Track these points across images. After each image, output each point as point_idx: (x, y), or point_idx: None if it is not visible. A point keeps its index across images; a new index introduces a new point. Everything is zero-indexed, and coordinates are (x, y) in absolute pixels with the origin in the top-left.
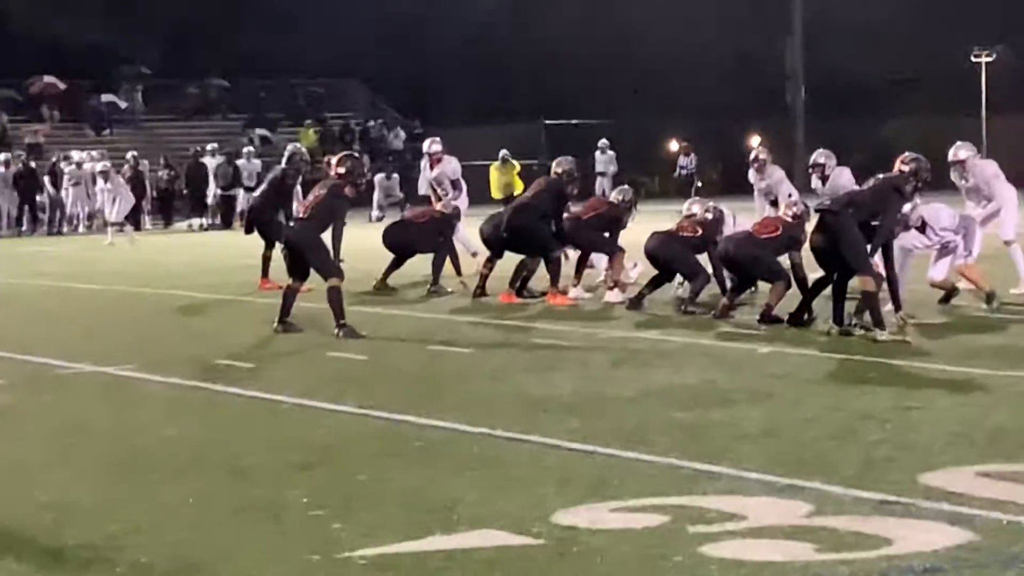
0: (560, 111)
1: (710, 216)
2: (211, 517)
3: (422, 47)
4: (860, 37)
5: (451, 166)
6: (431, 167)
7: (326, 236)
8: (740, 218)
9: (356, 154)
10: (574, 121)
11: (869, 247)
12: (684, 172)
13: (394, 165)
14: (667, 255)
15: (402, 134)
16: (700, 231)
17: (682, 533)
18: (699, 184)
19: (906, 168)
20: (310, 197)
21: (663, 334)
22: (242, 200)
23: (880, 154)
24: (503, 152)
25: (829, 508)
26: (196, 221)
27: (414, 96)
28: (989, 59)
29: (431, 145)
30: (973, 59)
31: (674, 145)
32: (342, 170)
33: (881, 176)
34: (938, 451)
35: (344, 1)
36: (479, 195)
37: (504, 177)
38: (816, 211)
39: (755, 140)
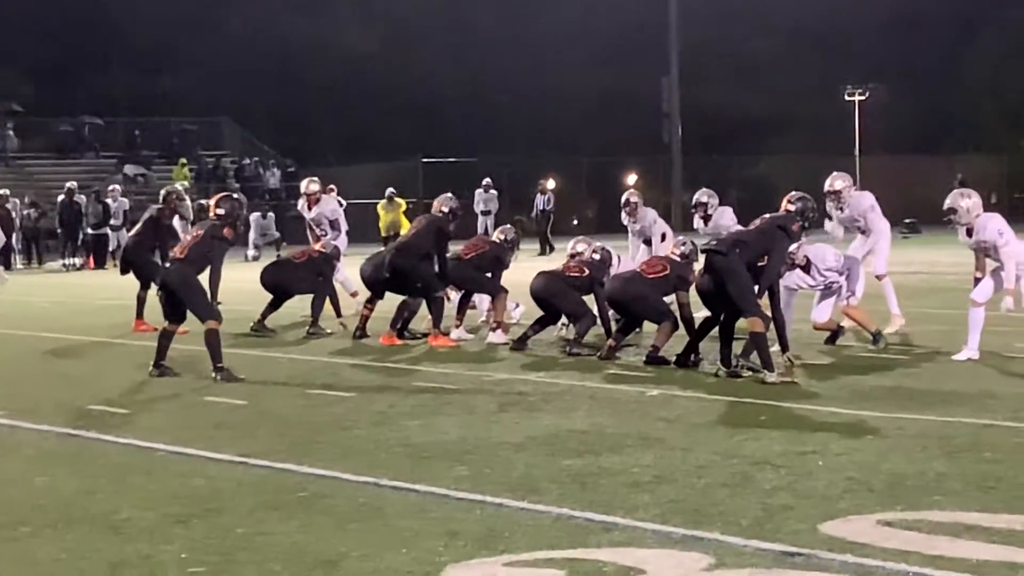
0: (435, 149)
1: (597, 256)
2: (85, 575)
3: (296, 85)
4: (737, 76)
5: (329, 206)
6: (309, 207)
7: (203, 277)
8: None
9: (235, 195)
10: (451, 159)
11: (756, 288)
12: (540, 211)
13: (269, 204)
14: (553, 295)
15: (277, 172)
16: (586, 271)
17: None
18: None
19: (792, 207)
20: (187, 238)
21: (549, 376)
22: (112, 239)
23: (757, 191)
24: (389, 190)
25: (729, 560)
26: (71, 260)
27: (289, 134)
28: (862, 97)
29: (308, 185)
30: (846, 97)
31: (551, 183)
32: (221, 211)
33: (767, 216)
34: (836, 499)
35: (217, 40)
36: (356, 234)
37: (390, 215)
38: (703, 251)
39: (631, 178)
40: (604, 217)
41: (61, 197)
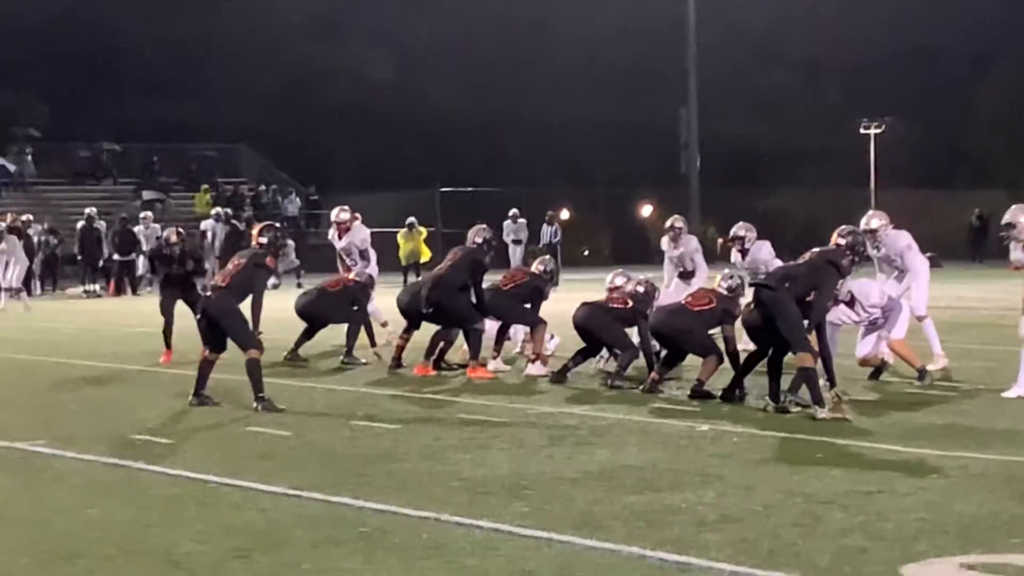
0: (450, 178)
1: (641, 289)
2: None
3: (312, 113)
4: (753, 108)
5: (360, 235)
6: (339, 236)
7: (244, 307)
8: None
9: (276, 224)
10: (468, 188)
11: (805, 323)
12: (547, 243)
13: (289, 232)
14: (596, 327)
15: (297, 200)
16: (631, 303)
17: None
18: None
19: (843, 241)
20: (229, 266)
21: (595, 409)
22: (142, 266)
23: (773, 224)
24: (410, 219)
25: None
26: (91, 287)
27: (307, 162)
28: (879, 131)
29: (339, 213)
30: (862, 131)
31: (565, 214)
32: (264, 240)
33: (817, 250)
34: (911, 540)
35: (234, 67)
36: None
37: (410, 243)
38: (751, 285)
39: (647, 209)
40: (619, 248)
41: (81, 223)
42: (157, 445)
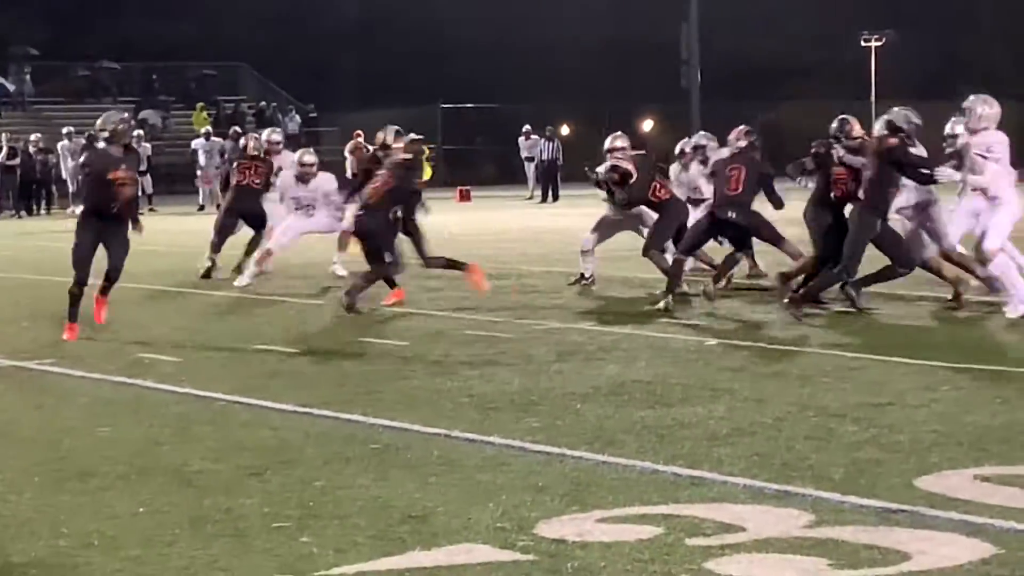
0: (454, 95)
1: None
2: (167, 530)
3: (313, 30)
4: (754, 22)
5: (330, 185)
6: (303, 181)
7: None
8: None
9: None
10: (470, 105)
11: None
12: (546, 159)
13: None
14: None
15: (297, 118)
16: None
17: (680, 547)
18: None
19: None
20: (376, 183)
21: (602, 324)
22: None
23: (774, 136)
24: (410, 135)
25: (830, 517)
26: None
27: (307, 80)
28: (879, 43)
29: (304, 156)
30: (863, 43)
31: (565, 129)
32: (409, 155)
33: None
34: (925, 452)
35: None
36: None
37: None
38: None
39: (647, 124)
40: None
41: (82, 142)
42: (166, 364)
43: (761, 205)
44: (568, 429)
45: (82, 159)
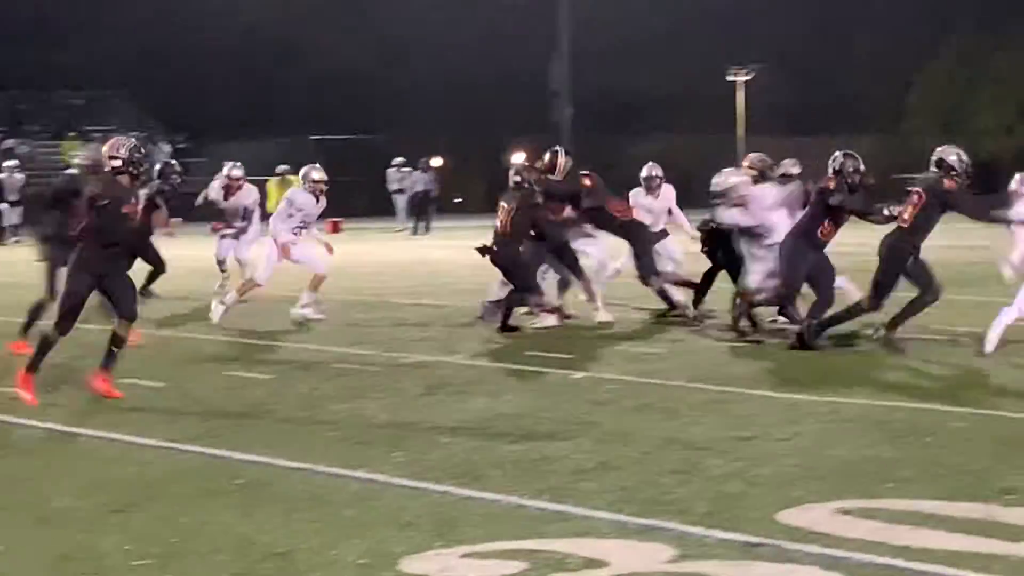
0: (325, 125)
1: None
2: (27, 569)
3: (186, 59)
4: (627, 56)
5: (253, 196)
6: (227, 195)
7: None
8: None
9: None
10: (342, 136)
11: None
12: (420, 191)
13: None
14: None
15: (166, 148)
16: None
17: None
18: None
19: None
20: (502, 214)
21: (470, 358)
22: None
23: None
24: (282, 167)
25: (694, 552)
26: None
27: (179, 109)
28: (747, 78)
29: (232, 170)
30: (729, 78)
31: (438, 160)
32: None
33: None
34: (789, 486)
35: (110, 11)
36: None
37: (281, 192)
38: None
39: (517, 156)
40: (493, 195)
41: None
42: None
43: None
44: (435, 463)
45: (88, 189)
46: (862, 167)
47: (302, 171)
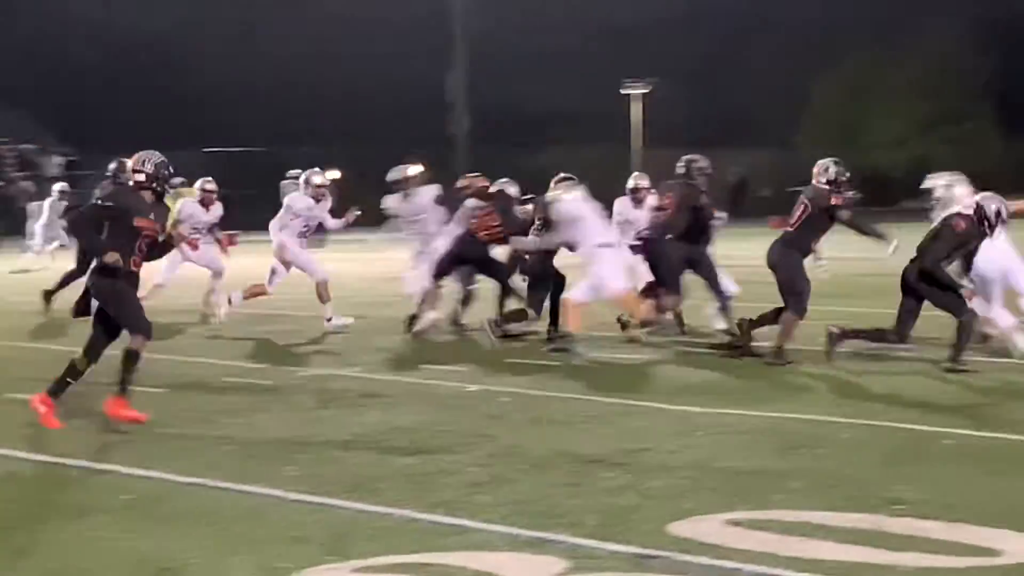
0: (216, 138)
1: None
2: None
3: (79, 73)
4: (522, 70)
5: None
6: (207, 208)
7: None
8: None
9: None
10: (234, 149)
11: None
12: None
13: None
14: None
15: (58, 159)
16: None
17: None
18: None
19: None
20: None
21: (364, 371)
22: None
23: (539, 182)
24: (177, 179)
25: (585, 564)
26: None
27: (71, 122)
28: (645, 91)
29: (205, 184)
30: (623, 91)
31: (335, 173)
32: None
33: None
34: (679, 498)
35: None
36: None
37: (174, 204)
38: None
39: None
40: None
41: None
42: None
43: None
44: (328, 477)
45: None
46: (847, 173)
47: (196, 183)
